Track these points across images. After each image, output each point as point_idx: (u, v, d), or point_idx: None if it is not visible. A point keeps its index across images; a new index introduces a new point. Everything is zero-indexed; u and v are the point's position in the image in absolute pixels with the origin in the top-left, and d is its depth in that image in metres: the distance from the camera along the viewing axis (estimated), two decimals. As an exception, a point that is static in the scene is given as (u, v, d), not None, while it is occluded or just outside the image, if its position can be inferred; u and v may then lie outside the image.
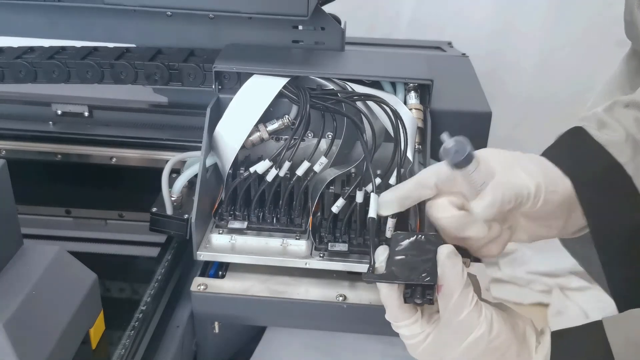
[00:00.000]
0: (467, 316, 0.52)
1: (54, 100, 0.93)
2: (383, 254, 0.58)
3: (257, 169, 0.73)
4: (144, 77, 0.86)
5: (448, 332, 0.53)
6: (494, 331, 0.53)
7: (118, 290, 0.78)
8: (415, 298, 0.54)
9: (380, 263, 0.57)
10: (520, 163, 0.58)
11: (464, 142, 0.54)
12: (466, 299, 0.52)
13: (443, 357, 0.55)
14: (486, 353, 0.53)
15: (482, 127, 0.79)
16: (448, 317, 0.53)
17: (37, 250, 0.59)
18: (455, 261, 0.54)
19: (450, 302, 0.52)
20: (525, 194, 0.55)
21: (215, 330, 0.79)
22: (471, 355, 0.53)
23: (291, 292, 0.73)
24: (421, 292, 0.53)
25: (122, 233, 0.90)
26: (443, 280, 0.53)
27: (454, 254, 0.54)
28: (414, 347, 0.56)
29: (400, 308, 0.55)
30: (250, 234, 0.75)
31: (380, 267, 0.57)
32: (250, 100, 0.75)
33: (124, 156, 0.90)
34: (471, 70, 0.94)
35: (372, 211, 0.62)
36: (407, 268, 0.55)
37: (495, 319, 0.53)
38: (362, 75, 0.78)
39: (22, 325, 0.52)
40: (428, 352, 0.55)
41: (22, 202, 0.87)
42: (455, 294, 0.52)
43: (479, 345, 0.53)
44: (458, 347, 0.53)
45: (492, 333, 0.53)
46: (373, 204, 0.65)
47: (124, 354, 0.65)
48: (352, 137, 0.77)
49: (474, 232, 0.58)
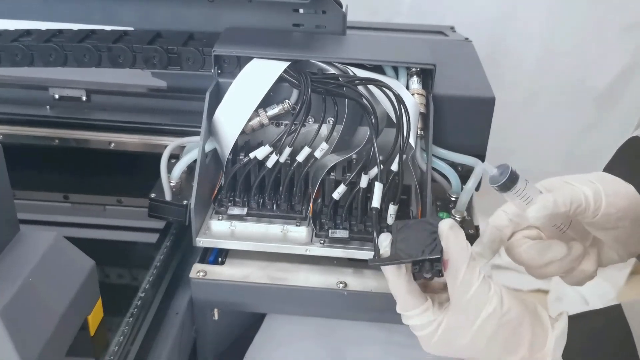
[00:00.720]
0: (477, 291, 0.51)
1: (51, 84, 0.92)
2: (386, 240, 0.57)
3: (257, 155, 0.72)
4: (143, 61, 0.85)
5: (459, 313, 0.53)
6: (505, 305, 0.52)
7: (116, 276, 0.77)
8: (424, 272, 0.53)
9: (385, 249, 0.56)
10: (575, 178, 0.57)
11: (506, 165, 0.54)
12: (473, 274, 0.52)
13: (458, 343, 0.54)
14: (499, 329, 0.52)
15: (485, 113, 0.78)
16: (457, 295, 0.52)
17: (34, 237, 0.59)
18: (458, 233, 0.53)
19: (458, 277, 0.52)
20: (582, 197, 0.54)
21: (214, 317, 0.79)
22: (485, 333, 0.52)
23: (291, 279, 0.73)
24: (429, 266, 0.53)
25: (120, 219, 0.89)
26: (448, 254, 0.52)
27: (456, 227, 0.53)
28: (427, 339, 0.55)
29: (409, 294, 0.54)
30: (250, 220, 0.74)
31: (384, 252, 0.56)
32: (250, 85, 0.74)
33: (122, 141, 0.90)
34: (474, 55, 0.92)
35: (376, 201, 0.62)
36: (411, 248, 0.54)
37: (505, 293, 0.52)
38: (364, 60, 0.77)
39: (18, 312, 0.51)
40: (442, 341, 0.54)
41: (19, 187, 0.87)
42: (462, 268, 0.51)
43: (492, 321, 0.52)
44: (471, 327, 0.52)
45: (503, 307, 0.52)
46: (377, 193, 0.64)
47: (123, 340, 0.65)
48: (353, 123, 0.76)
49: (554, 253, 0.57)
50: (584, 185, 0.55)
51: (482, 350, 0.53)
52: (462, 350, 0.54)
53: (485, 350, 0.53)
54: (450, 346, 0.54)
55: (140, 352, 0.68)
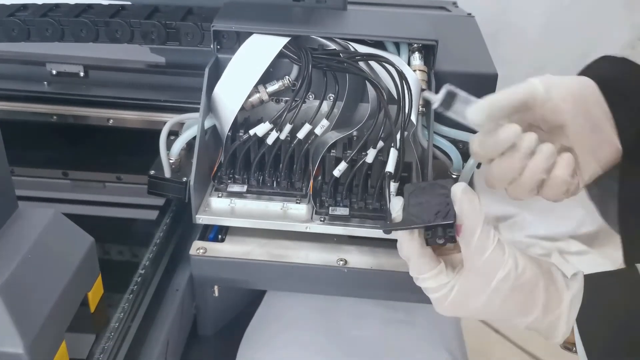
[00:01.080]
0: (492, 254, 0.51)
1: (48, 60, 0.91)
2: (398, 204, 0.56)
3: (256, 132, 0.72)
4: (141, 36, 0.84)
5: (474, 276, 0.52)
6: (520, 267, 0.51)
7: (116, 253, 0.77)
8: (437, 238, 0.53)
9: (397, 213, 0.56)
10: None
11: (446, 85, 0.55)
12: (488, 237, 0.51)
13: (471, 305, 0.53)
14: (514, 292, 0.51)
15: (487, 89, 0.76)
16: (472, 258, 0.51)
17: (33, 214, 0.58)
18: (472, 197, 0.52)
19: (472, 242, 0.51)
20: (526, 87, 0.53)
21: (214, 294, 0.79)
22: (499, 296, 0.52)
23: (291, 256, 0.73)
24: (442, 231, 0.52)
25: (120, 196, 0.89)
26: (462, 218, 0.52)
27: (469, 190, 0.52)
28: (441, 301, 0.54)
29: (422, 257, 0.53)
30: (250, 197, 0.74)
31: (397, 217, 0.56)
32: (250, 61, 0.73)
33: (121, 117, 0.89)
34: (477, 31, 0.91)
35: (390, 166, 0.61)
36: (424, 212, 0.54)
37: (519, 255, 0.52)
38: (365, 35, 0.76)
39: (17, 289, 0.51)
40: (456, 303, 0.54)
41: (17, 164, 0.87)
42: (476, 231, 0.51)
43: (507, 284, 0.51)
44: (486, 289, 0.52)
45: (518, 269, 0.51)
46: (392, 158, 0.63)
47: (123, 317, 0.65)
48: (354, 99, 0.75)
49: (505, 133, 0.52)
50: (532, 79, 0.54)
51: (495, 312, 0.53)
52: (475, 312, 0.54)
53: (499, 312, 0.53)
54: (463, 308, 0.54)
55: (141, 329, 0.68)
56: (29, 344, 0.50)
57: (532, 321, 0.53)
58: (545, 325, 0.53)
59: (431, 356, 0.83)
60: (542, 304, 0.52)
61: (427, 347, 0.85)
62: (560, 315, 0.52)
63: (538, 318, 0.52)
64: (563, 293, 0.52)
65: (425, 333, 0.86)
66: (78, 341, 0.61)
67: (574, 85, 0.55)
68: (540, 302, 0.52)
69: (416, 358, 0.83)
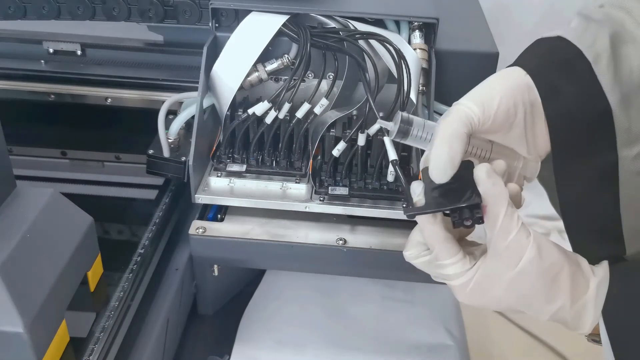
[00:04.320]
0: (516, 237, 0.49)
1: (45, 38, 0.90)
2: (419, 187, 0.54)
3: (255, 111, 0.71)
4: (138, 14, 0.83)
5: (497, 260, 0.50)
6: (545, 252, 0.50)
7: (116, 233, 0.77)
8: (464, 220, 0.51)
9: (418, 197, 0.53)
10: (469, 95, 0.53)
11: (397, 112, 0.53)
12: (512, 220, 0.49)
13: (494, 292, 0.51)
14: (538, 277, 0.50)
15: (488, 68, 0.76)
16: (495, 242, 0.50)
17: (31, 193, 0.58)
18: (496, 179, 0.50)
19: (496, 225, 0.49)
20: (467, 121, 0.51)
21: (214, 273, 0.79)
22: (523, 281, 0.50)
23: (291, 235, 0.73)
24: (469, 213, 0.51)
25: (118, 175, 0.89)
26: (487, 201, 0.50)
27: (493, 172, 0.51)
28: (462, 288, 0.53)
29: (446, 242, 0.52)
30: (249, 177, 0.74)
31: (418, 201, 0.53)
32: (249, 39, 0.72)
33: (119, 97, 0.88)
34: (478, 9, 0.90)
35: (392, 154, 0.60)
36: (447, 195, 0.52)
37: (543, 240, 0.50)
38: (365, 13, 0.75)
39: (17, 269, 0.51)
40: (477, 290, 0.52)
41: (15, 143, 0.86)
42: (500, 215, 0.49)
43: (531, 269, 0.50)
44: (509, 274, 0.50)
45: (542, 253, 0.50)
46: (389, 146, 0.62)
47: (123, 296, 0.65)
48: (353, 78, 0.75)
49: None
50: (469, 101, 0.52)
51: (519, 299, 0.51)
52: (498, 300, 0.52)
53: (523, 299, 0.51)
54: (485, 295, 0.52)
55: (141, 308, 0.68)
56: (29, 323, 0.50)
57: (558, 309, 0.51)
58: (572, 314, 0.51)
59: (429, 334, 0.84)
60: (569, 290, 0.50)
61: (426, 324, 0.85)
62: (587, 303, 0.50)
63: (565, 306, 0.50)
64: (590, 279, 0.51)
65: (423, 311, 0.87)
66: (78, 320, 0.61)
67: (506, 95, 0.52)
68: (567, 287, 0.50)
69: (415, 335, 0.83)
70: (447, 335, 0.84)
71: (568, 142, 0.53)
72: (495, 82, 0.54)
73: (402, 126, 0.53)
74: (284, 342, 0.81)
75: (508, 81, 0.53)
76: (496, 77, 0.54)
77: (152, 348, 0.66)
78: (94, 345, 0.59)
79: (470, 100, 0.52)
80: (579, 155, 0.53)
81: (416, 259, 0.55)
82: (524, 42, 0.58)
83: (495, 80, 0.54)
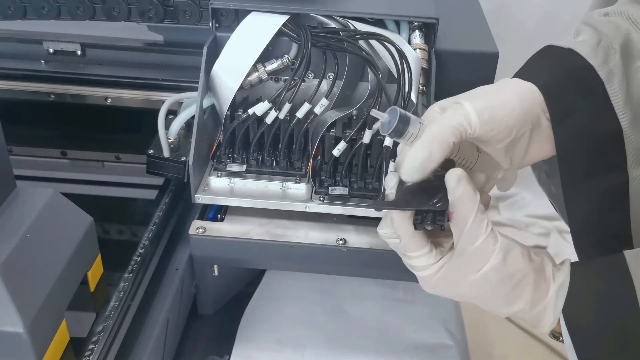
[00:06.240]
0: (482, 244, 0.50)
1: (45, 38, 0.91)
2: (392, 180, 0.54)
3: (255, 111, 0.71)
4: (138, 14, 0.83)
5: (462, 261, 0.51)
6: (510, 259, 0.50)
7: (116, 233, 0.77)
8: (425, 224, 0.51)
9: (391, 190, 0.54)
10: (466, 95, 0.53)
11: (395, 108, 0.51)
12: (480, 226, 0.50)
13: (457, 288, 0.53)
14: (502, 282, 0.51)
15: (488, 69, 0.76)
16: (462, 245, 0.51)
17: (31, 193, 0.58)
18: (466, 185, 0.50)
19: (464, 230, 0.50)
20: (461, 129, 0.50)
21: (214, 273, 0.79)
22: (485, 285, 0.51)
23: (291, 235, 0.73)
24: (432, 217, 0.51)
25: (119, 175, 0.89)
26: (455, 207, 0.50)
27: (464, 177, 0.50)
28: (427, 279, 0.54)
29: (412, 237, 0.52)
30: (249, 177, 0.74)
31: (390, 194, 0.54)
32: (249, 39, 0.72)
33: (119, 97, 0.88)
34: (478, 8, 0.90)
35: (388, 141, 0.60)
36: (418, 195, 0.52)
37: (511, 247, 0.51)
38: (365, 13, 0.75)
39: (17, 269, 0.51)
40: (441, 282, 0.53)
41: (15, 143, 0.86)
42: (469, 220, 0.50)
43: (495, 274, 0.50)
44: (472, 276, 0.51)
45: (507, 261, 0.50)
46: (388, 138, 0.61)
47: (123, 296, 0.65)
48: (354, 78, 0.75)
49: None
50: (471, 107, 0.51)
51: (480, 298, 0.52)
52: (459, 295, 0.53)
53: (483, 299, 0.52)
54: (448, 289, 0.54)
55: (141, 308, 0.68)
56: (29, 323, 0.50)
57: (517, 311, 0.52)
58: (532, 316, 0.52)
59: (429, 333, 0.84)
60: (530, 296, 0.51)
61: (426, 324, 0.85)
62: (547, 306, 0.51)
63: (524, 309, 0.52)
64: (550, 285, 0.52)
65: (423, 311, 0.87)
66: (78, 320, 0.61)
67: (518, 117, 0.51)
68: (528, 293, 0.51)
69: (415, 335, 0.83)
70: (447, 335, 0.84)
71: (578, 162, 0.53)
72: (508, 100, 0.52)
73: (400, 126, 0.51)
74: (284, 342, 0.81)
75: (523, 103, 0.52)
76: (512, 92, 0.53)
77: (152, 348, 0.66)
78: (94, 345, 0.59)
79: (474, 107, 0.51)
80: (589, 174, 0.53)
81: (388, 239, 0.56)
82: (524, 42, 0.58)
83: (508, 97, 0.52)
